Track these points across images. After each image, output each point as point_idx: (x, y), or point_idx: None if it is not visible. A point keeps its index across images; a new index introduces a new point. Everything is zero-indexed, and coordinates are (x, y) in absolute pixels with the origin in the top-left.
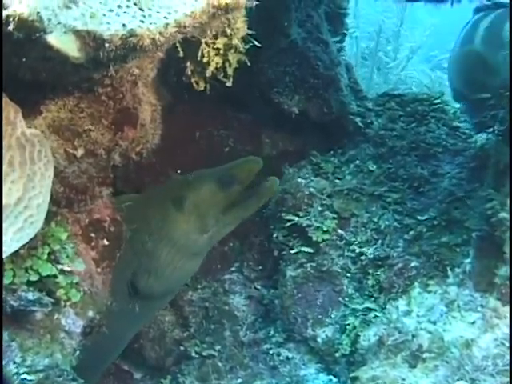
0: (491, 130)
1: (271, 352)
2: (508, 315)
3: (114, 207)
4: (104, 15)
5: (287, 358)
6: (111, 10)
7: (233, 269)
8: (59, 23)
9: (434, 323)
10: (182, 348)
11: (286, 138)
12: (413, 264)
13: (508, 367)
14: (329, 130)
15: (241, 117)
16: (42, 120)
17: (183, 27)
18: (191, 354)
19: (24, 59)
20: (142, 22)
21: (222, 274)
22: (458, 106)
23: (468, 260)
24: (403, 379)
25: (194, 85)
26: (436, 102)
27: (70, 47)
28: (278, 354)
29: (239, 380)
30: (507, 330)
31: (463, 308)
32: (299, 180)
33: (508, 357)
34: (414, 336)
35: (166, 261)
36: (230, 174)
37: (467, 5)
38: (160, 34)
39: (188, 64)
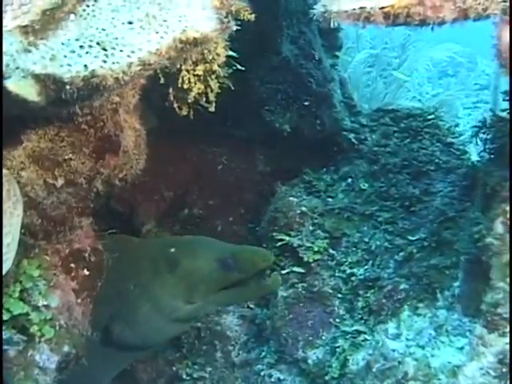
0: (483, 148)
1: (262, 373)
2: (494, 343)
3: (96, 237)
4: (65, 56)
5: (279, 379)
6: (73, 51)
7: None
8: (17, 68)
9: (423, 348)
10: (173, 369)
11: (279, 155)
12: (402, 286)
13: None
14: (322, 147)
15: (234, 134)
16: (22, 150)
17: (148, 65)
18: (182, 376)
19: None
20: (105, 61)
21: None
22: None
23: (457, 283)
24: None
25: (177, 110)
26: (430, 117)
27: (28, 92)
28: (270, 376)
29: None
30: (493, 359)
31: (451, 333)
32: (291, 199)
33: None
34: (400, 363)
35: (144, 317)
36: (235, 259)
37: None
38: (123, 73)
39: (170, 90)
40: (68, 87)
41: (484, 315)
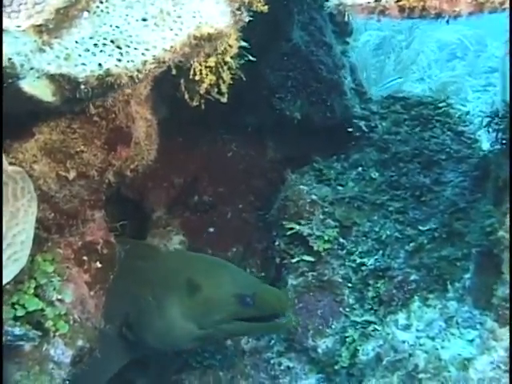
0: (495, 138)
1: (272, 361)
2: (505, 337)
3: (107, 228)
4: (80, 55)
5: (288, 367)
6: (87, 50)
7: None
8: (32, 68)
9: (433, 339)
10: (183, 357)
11: (289, 142)
12: (413, 277)
13: None
14: (332, 135)
15: (244, 122)
16: (34, 143)
17: (162, 62)
18: (192, 364)
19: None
20: (119, 60)
21: None
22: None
23: (468, 275)
24: None
25: (188, 101)
26: (441, 105)
27: (43, 92)
28: (279, 364)
29: None
30: (504, 353)
31: (462, 325)
32: (301, 187)
33: (504, 381)
34: (410, 355)
35: (155, 332)
36: (254, 298)
37: None
38: (138, 71)
39: (181, 81)
40: (83, 87)
41: (495, 309)
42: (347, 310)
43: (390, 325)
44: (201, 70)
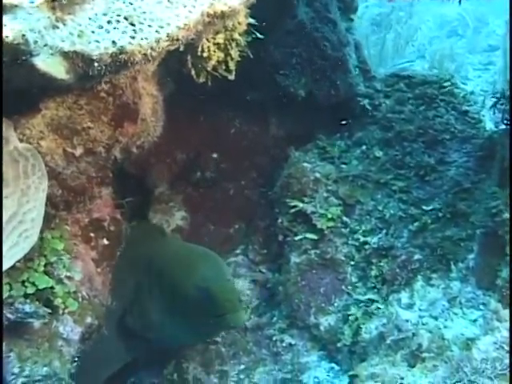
0: (501, 118)
1: (274, 338)
2: (508, 318)
3: (114, 205)
4: (93, 32)
5: (290, 344)
6: (101, 27)
7: (238, 251)
8: (46, 45)
9: (436, 318)
10: None
11: (292, 119)
12: (416, 256)
13: (506, 371)
14: (336, 112)
15: (247, 98)
16: (41, 118)
17: (176, 40)
18: None
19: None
20: (133, 37)
21: (226, 257)
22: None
23: (472, 256)
24: (402, 378)
25: (195, 77)
26: (446, 84)
27: (57, 70)
28: (281, 341)
29: (242, 366)
30: (507, 334)
31: (465, 305)
32: (305, 164)
33: (507, 361)
34: (414, 334)
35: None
36: (206, 292)
37: None
38: (152, 49)
39: (188, 57)
40: (96, 64)
41: (499, 290)
42: (350, 288)
43: (393, 304)
44: (209, 46)
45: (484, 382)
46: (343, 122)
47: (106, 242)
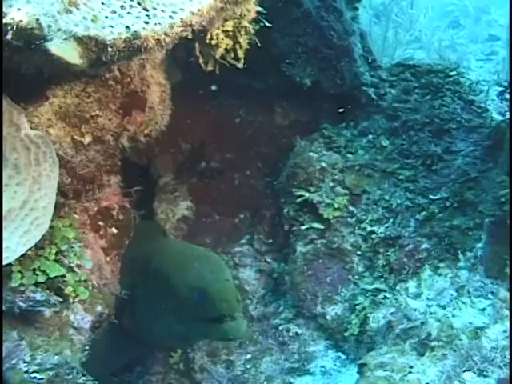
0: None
1: (280, 327)
2: None
3: (122, 194)
4: (106, 17)
5: (296, 333)
6: (114, 12)
7: (243, 241)
8: (59, 29)
9: (444, 307)
10: None
11: (297, 108)
12: (424, 246)
13: None
14: (341, 102)
15: (252, 86)
16: (49, 106)
17: (189, 26)
18: None
19: (24, 62)
20: (147, 22)
21: (231, 247)
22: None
23: (480, 245)
24: (411, 367)
25: (203, 65)
26: (451, 73)
27: (71, 55)
28: (288, 330)
29: (249, 355)
30: None
31: (473, 294)
32: (311, 154)
33: None
34: (422, 323)
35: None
36: (203, 293)
37: None
38: (165, 34)
39: (196, 45)
40: (110, 49)
41: (508, 279)
42: (356, 277)
43: (400, 293)
44: (218, 34)
45: (494, 371)
46: (340, 110)
47: (114, 230)
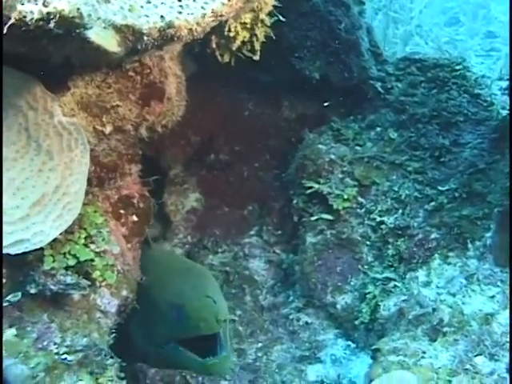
0: None
1: (291, 317)
2: None
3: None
4: (142, 7)
5: (306, 323)
6: (149, 1)
7: (252, 233)
8: (99, 18)
9: (454, 295)
10: None
11: (305, 102)
12: (433, 235)
13: None
14: (349, 95)
15: (261, 80)
16: (71, 97)
17: (219, 16)
18: None
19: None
20: (180, 12)
21: (241, 238)
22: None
23: (489, 234)
24: (424, 352)
25: (219, 58)
26: (457, 67)
27: (109, 43)
28: (298, 319)
29: (259, 344)
30: None
31: (483, 282)
32: (320, 146)
33: None
34: (434, 309)
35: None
36: (182, 310)
37: None
38: (197, 24)
39: (213, 37)
40: (146, 38)
41: None
42: (366, 267)
43: (410, 282)
44: (236, 26)
45: (504, 355)
46: (325, 104)
47: (135, 218)
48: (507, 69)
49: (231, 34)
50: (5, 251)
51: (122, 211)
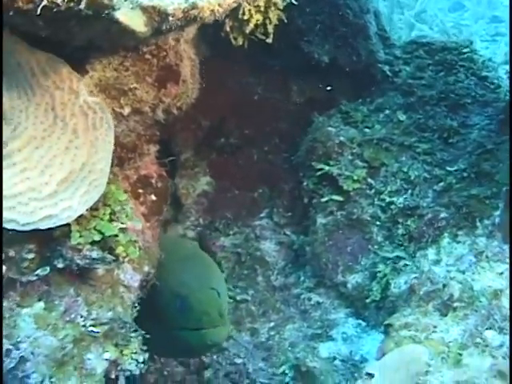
0: None
1: (302, 297)
2: None
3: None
4: None
5: (318, 302)
6: None
7: (262, 215)
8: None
9: (463, 272)
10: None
11: (314, 86)
12: (442, 215)
13: None
14: (357, 79)
15: (270, 64)
16: (90, 79)
17: None
18: None
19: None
20: None
21: (251, 220)
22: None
23: (497, 212)
24: (435, 326)
25: (233, 41)
26: (465, 50)
27: (137, 23)
28: (309, 299)
29: (272, 323)
30: None
31: (492, 259)
32: (329, 129)
33: None
34: (444, 285)
35: None
36: (185, 301)
37: None
38: (219, 5)
39: (227, 21)
40: (171, 19)
41: None
42: (376, 247)
43: (420, 260)
44: (250, 9)
45: None
46: (328, 88)
47: (153, 197)
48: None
49: (245, 17)
50: (35, 226)
51: (140, 191)
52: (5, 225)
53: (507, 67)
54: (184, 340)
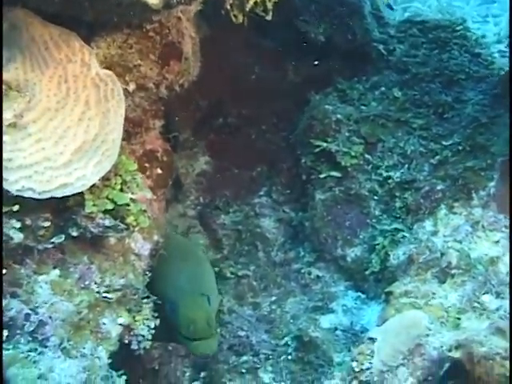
0: None
1: (302, 271)
2: None
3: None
4: None
5: (317, 276)
6: None
7: (261, 193)
8: None
9: (460, 242)
10: (217, 269)
11: (310, 65)
12: (439, 187)
13: None
14: (353, 57)
15: (266, 43)
16: (95, 56)
17: None
18: (227, 275)
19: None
20: None
21: (251, 198)
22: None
23: (492, 183)
24: (433, 293)
25: (233, 18)
26: (458, 28)
27: None
28: (309, 273)
29: (273, 298)
30: None
31: (487, 228)
32: (326, 106)
33: None
34: (442, 254)
35: None
36: (175, 307)
37: None
38: None
39: None
40: None
41: None
42: (374, 220)
43: (418, 231)
44: None
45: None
46: (316, 63)
47: (159, 171)
48: (506, 31)
49: None
50: (51, 194)
51: (146, 165)
52: (22, 193)
53: (499, 46)
54: (178, 339)
